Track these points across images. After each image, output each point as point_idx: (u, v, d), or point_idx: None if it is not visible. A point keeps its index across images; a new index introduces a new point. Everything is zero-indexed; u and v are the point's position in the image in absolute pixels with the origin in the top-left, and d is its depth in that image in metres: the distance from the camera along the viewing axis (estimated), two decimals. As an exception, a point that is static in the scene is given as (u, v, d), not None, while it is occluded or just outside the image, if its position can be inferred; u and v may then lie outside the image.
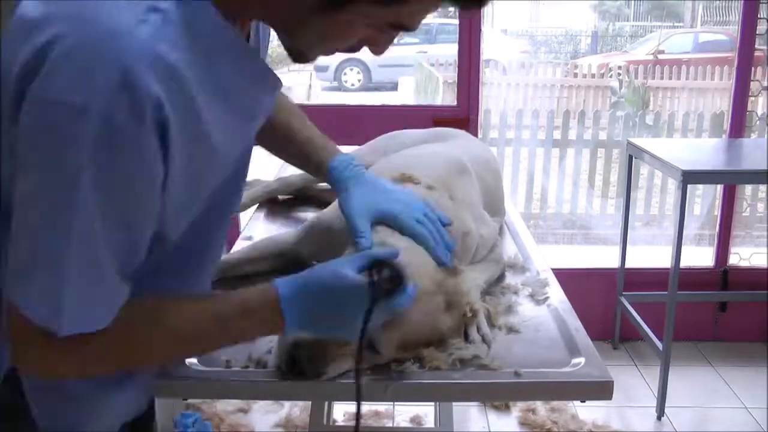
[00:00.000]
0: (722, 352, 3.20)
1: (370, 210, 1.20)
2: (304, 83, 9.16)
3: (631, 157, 3.08)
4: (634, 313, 3.00)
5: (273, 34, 0.99)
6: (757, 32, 3.07)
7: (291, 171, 2.06)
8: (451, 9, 0.91)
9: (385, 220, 1.19)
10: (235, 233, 3.08)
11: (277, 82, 0.97)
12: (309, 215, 1.68)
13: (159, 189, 0.83)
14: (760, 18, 3.06)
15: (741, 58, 3.10)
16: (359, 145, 2.00)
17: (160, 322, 0.91)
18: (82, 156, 0.76)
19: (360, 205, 1.20)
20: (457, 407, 2.60)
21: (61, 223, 0.78)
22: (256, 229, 1.72)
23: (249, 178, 1.60)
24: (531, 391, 1.21)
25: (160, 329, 0.91)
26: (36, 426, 0.98)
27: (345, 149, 2.06)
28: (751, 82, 3.14)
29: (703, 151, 3.09)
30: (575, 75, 7.35)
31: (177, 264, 0.99)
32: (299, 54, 0.94)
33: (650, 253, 3.94)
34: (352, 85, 9.32)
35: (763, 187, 4.35)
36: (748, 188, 4.06)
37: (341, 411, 2.67)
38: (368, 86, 9.29)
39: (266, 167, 1.95)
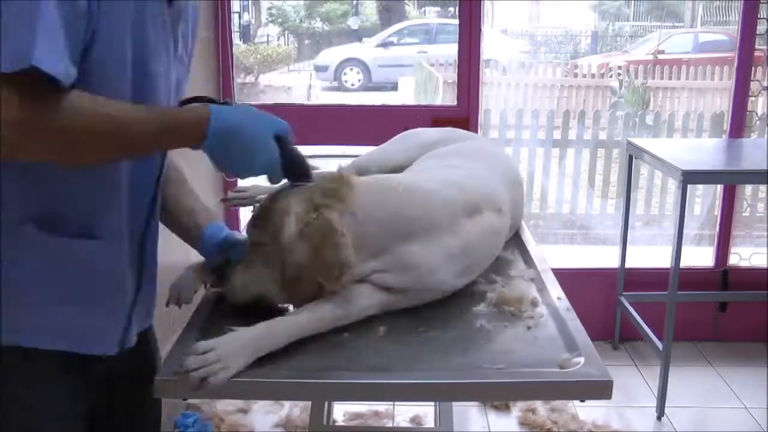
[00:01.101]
0: (722, 352, 3.20)
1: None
2: (304, 83, 9.15)
3: (631, 157, 3.08)
4: (634, 313, 3.00)
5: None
6: (757, 32, 3.07)
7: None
8: (451, 9, 0.92)
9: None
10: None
11: None
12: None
13: None
14: (760, 18, 3.06)
15: (741, 58, 3.11)
16: (359, 145, 2.00)
17: (103, 104, 1.04)
18: None
19: None
20: (457, 407, 2.60)
21: None
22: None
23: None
24: (531, 391, 1.21)
25: (104, 108, 1.03)
26: None
27: (347, 149, 2.07)
28: (751, 82, 3.14)
29: (703, 151, 3.09)
30: (575, 75, 7.34)
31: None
32: None
33: (650, 253, 3.93)
34: (352, 85, 9.30)
35: (763, 187, 4.35)
36: (748, 188, 4.06)
37: (341, 411, 2.67)
38: (368, 86, 9.27)
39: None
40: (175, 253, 1.54)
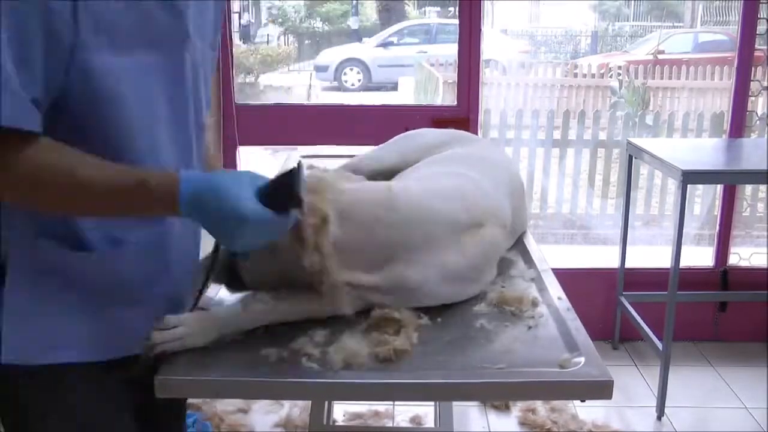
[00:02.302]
0: (722, 352, 3.20)
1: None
2: (304, 83, 9.16)
3: (631, 157, 3.08)
4: (634, 313, 3.00)
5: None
6: (757, 32, 3.07)
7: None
8: (451, 9, 0.91)
9: None
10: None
11: None
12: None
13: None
14: (760, 18, 3.06)
15: (741, 58, 3.11)
16: (358, 144, 1.99)
17: (70, 158, 1.00)
18: None
19: None
20: (457, 407, 2.60)
21: None
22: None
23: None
24: (531, 391, 1.21)
25: (68, 162, 0.99)
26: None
27: (350, 150, 2.05)
28: (751, 82, 3.14)
29: (703, 151, 3.09)
30: (575, 75, 7.35)
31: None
32: None
33: (650, 253, 3.94)
34: (352, 85, 9.31)
35: (763, 187, 4.35)
36: (748, 188, 4.06)
37: (341, 411, 2.67)
38: (368, 86, 9.28)
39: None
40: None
